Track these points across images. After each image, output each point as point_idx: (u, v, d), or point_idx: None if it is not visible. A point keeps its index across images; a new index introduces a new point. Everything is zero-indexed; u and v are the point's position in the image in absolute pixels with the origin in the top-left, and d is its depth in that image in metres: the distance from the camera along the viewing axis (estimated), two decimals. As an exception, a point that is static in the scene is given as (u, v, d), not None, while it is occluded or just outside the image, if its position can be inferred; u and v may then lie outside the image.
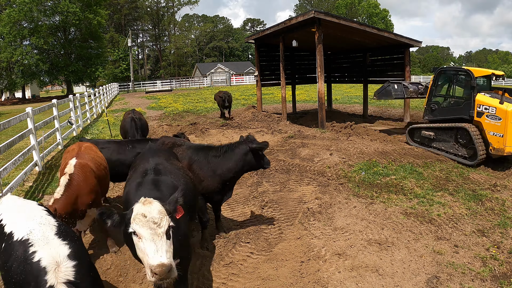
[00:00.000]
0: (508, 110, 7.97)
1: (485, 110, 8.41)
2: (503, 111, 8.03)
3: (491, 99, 8.41)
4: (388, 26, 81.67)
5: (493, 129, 8.24)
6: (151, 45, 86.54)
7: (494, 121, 8.24)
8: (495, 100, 8.31)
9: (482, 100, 8.49)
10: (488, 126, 8.35)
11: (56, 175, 8.21)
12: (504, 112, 8.00)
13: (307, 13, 12.06)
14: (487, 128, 8.37)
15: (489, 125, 8.33)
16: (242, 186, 7.13)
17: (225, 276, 4.26)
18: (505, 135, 8.01)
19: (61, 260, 2.30)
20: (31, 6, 39.98)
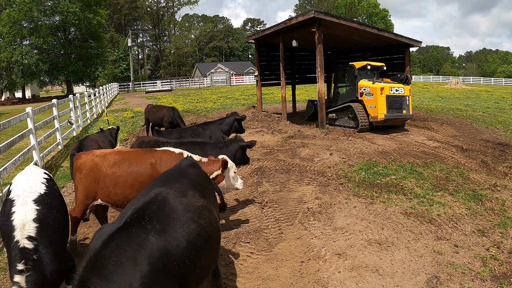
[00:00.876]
0: (377, 87, 11.24)
1: (364, 90, 11.77)
2: (373, 88, 11.38)
3: (367, 82, 11.73)
4: (388, 26, 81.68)
5: (369, 103, 11.50)
6: (151, 45, 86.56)
7: (369, 97, 11.51)
8: (369, 82, 11.67)
9: (362, 84, 11.93)
10: (367, 102, 11.59)
11: (56, 175, 8.22)
12: (374, 88, 11.33)
13: (307, 13, 12.06)
14: (366, 103, 11.62)
15: (367, 101, 11.56)
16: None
17: (225, 276, 4.26)
18: (377, 106, 11.22)
19: (26, 221, 2.96)
20: (31, 6, 39.98)
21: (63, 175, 8.23)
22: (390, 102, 11.18)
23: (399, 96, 11.37)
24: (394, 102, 11.27)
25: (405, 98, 11.49)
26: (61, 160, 9.46)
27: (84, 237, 5.30)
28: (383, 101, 11.07)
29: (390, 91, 11.16)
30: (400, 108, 11.40)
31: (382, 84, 11.23)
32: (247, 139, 10.63)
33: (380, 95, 11.03)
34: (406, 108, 11.53)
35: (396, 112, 11.28)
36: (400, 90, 11.41)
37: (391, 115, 11.10)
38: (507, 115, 15.99)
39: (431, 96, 25.72)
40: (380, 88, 11.07)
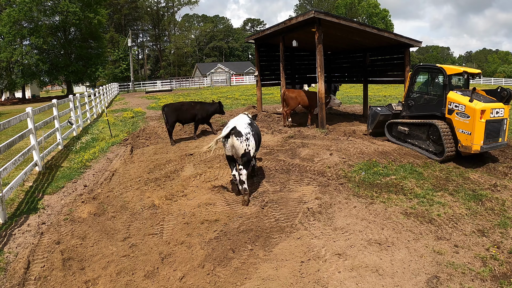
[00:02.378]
0: (476, 108, 8.11)
1: (455, 107, 8.63)
2: (471, 109, 8.21)
3: (462, 97, 8.58)
4: (388, 26, 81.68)
5: (462, 127, 8.46)
6: (151, 45, 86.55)
7: (463, 119, 8.43)
8: (465, 98, 8.49)
9: (453, 97, 8.72)
10: (458, 124, 8.56)
11: (56, 175, 8.22)
12: (473, 110, 8.18)
13: (307, 13, 12.05)
14: (456, 126, 8.59)
15: (459, 123, 8.53)
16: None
17: (225, 276, 4.26)
18: (473, 133, 8.21)
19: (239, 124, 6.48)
20: (31, 6, 39.96)
21: (63, 175, 8.23)
22: (490, 129, 8.36)
23: (498, 120, 8.52)
24: (493, 128, 8.49)
25: (504, 122, 8.62)
26: (61, 160, 9.46)
27: (84, 236, 5.30)
28: (481, 128, 8.20)
29: (491, 114, 8.30)
30: (497, 135, 8.60)
31: (483, 105, 8.21)
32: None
33: (479, 120, 8.15)
34: (503, 135, 8.72)
35: (492, 142, 8.51)
36: (500, 112, 8.49)
37: (487, 145, 8.36)
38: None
39: (431, 96, 25.68)
40: (481, 111, 8.14)
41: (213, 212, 6.02)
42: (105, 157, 9.94)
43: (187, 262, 4.58)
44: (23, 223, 5.73)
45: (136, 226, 5.66)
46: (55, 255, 4.78)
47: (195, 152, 9.76)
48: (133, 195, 6.96)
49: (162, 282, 4.24)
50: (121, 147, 11.03)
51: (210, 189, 7.05)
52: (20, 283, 4.23)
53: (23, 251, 4.88)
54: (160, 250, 4.89)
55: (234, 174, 6.45)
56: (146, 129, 13.80)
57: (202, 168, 8.44)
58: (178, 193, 6.96)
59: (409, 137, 9.88)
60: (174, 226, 5.60)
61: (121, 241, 5.21)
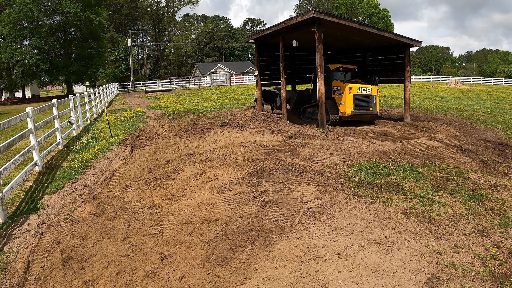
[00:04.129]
0: (346, 86, 12.78)
1: (336, 89, 13.44)
2: (343, 87, 12.96)
3: (339, 82, 13.40)
4: (388, 26, 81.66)
5: (339, 100, 13.11)
6: (151, 45, 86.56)
7: (339, 95, 13.12)
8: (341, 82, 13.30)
9: (334, 83, 13.61)
10: (337, 99, 13.27)
11: (56, 175, 8.22)
12: (344, 87, 12.91)
13: (307, 13, 12.05)
14: (337, 101, 13.27)
15: (338, 98, 13.22)
16: (242, 186, 7.13)
17: (225, 276, 4.26)
18: (345, 103, 12.81)
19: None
20: (31, 6, 39.95)
21: (63, 175, 8.23)
22: (357, 100, 12.70)
23: (366, 95, 12.83)
24: (361, 100, 12.78)
25: (372, 97, 12.99)
26: (61, 160, 9.46)
27: (84, 236, 5.30)
28: (350, 99, 12.63)
29: (358, 90, 12.68)
30: (367, 105, 12.92)
31: (351, 84, 12.72)
32: (247, 139, 10.62)
33: (349, 94, 12.60)
34: (373, 106, 13.06)
35: (362, 109, 12.82)
36: (367, 89, 12.87)
37: (357, 111, 12.69)
38: (507, 115, 15.98)
39: (431, 96, 25.71)
40: (349, 88, 12.64)
41: (213, 212, 6.02)
42: (105, 157, 9.94)
43: (187, 262, 4.58)
44: (23, 223, 5.73)
45: (136, 226, 5.66)
46: (55, 255, 4.78)
47: (195, 152, 9.76)
48: (133, 195, 6.96)
49: (162, 282, 4.24)
50: (121, 147, 11.03)
51: (210, 189, 7.05)
52: (20, 283, 4.23)
53: (23, 251, 4.88)
54: (160, 250, 4.89)
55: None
56: (146, 129, 13.80)
57: (202, 168, 8.43)
58: (178, 193, 6.96)
59: (313, 115, 14.44)
60: (174, 226, 5.59)
61: (121, 241, 5.21)
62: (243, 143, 10.48)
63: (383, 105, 20.58)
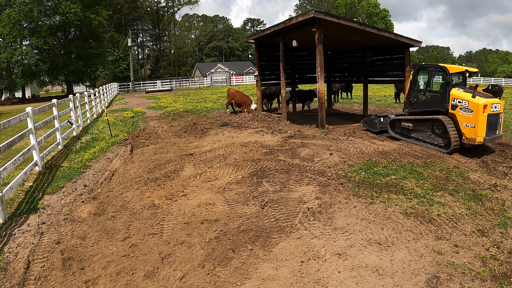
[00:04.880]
0: (479, 103, 8.96)
1: (458, 103, 9.41)
2: (475, 104, 9.02)
3: (465, 93, 9.38)
4: (388, 26, 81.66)
5: (466, 121, 9.25)
6: (151, 45, 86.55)
7: (466, 113, 9.23)
8: (468, 94, 9.28)
9: (456, 94, 9.46)
10: (462, 118, 9.36)
11: (56, 175, 8.22)
12: (476, 105, 9.00)
13: (307, 13, 12.05)
14: (460, 120, 9.38)
15: (462, 117, 9.33)
16: (242, 186, 7.13)
17: (225, 276, 4.26)
18: (477, 126, 9.04)
19: None
20: (31, 7, 39.95)
21: (63, 175, 8.23)
22: (490, 122, 9.26)
23: (496, 115, 9.46)
24: (493, 122, 9.40)
25: (500, 115, 9.62)
26: (61, 160, 9.46)
27: (84, 236, 5.30)
28: (484, 121, 9.03)
29: (491, 109, 9.18)
30: (496, 128, 9.52)
31: (485, 100, 9.05)
32: (247, 139, 10.62)
33: (482, 114, 8.99)
34: (499, 128, 9.68)
35: (492, 134, 9.41)
36: (497, 106, 9.42)
37: (489, 137, 9.25)
38: (507, 115, 15.97)
39: (431, 96, 25.69)
40: (484, 106, 8.97)
41: (213, 212, 6.02)
42: (105, 157, 9.94)
43: (187, 262, 4.58)
44: (23, 223, 5.73)
45: (136, 226, 5.66)
46: (55, 255, 4.78)
47: (195, 152, 9.76)
48: (133, 195, 6.96)
49: (162, 282, 4.24)
50: (121, 147, 11.03)
51: (210, 189, 7.05)
52: (20, 283, 4.23)
53: (23, 251, 4.88)
54: (160, 250, 4.89)
55: None
56: (146, 129, 13.80)
57: (202, 168, 8.43)
58: (178, 193, 6.96)
59: (413, 132, 10.49)
60: (174, 226, 5.59)
61: (121, 241, 5.21)
62: (243, 143, 10.48)
63: (383, 105, 20.57)
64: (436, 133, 9.80)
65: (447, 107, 9.63)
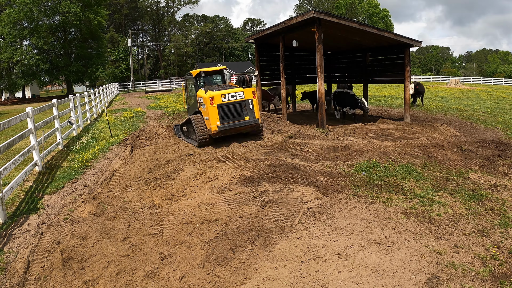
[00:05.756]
0: (206, 96, 9.80)
1: (200, 101, 10.42)
2: (205, 99, 9.94)
3: (202, 91, 10.32)
4: (388, 26, 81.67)
5: (205, 115, 10.12)
6: (151, 45, 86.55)
7: (204, 108, 10.17)
8: (204, 91, 10.27)
9: (199, 94, 10.61)
10: (204, 113, 10.26)
11: (56, 175, 8.22)
12: (205, 99, 9.90)
13: (307, 13, 12.05)
14: (204, 115, 10.23)
15: (204, 112, 10.24)
16: (242, 186, 7.13)
17: (225, 276, 4.26)
18: (209, 117, 9.84)
19: None
20: (31, 7, 39.95)
21: (63, 175, 8.23)
22: (224, 111, 9.93)
23: (236, 103, 10.05)
24: (231, 110, 10.03)
25: (247, 102, 10.17)
26: (61, 160, 9.46)
27: (84, 236, 5.30)
28: (214, 111, 9.80)
29: (223, 99, 9.88)
30: (240, 115, 10.11)
31: (212, 93, 9.86)
32: (247, 139, 10.60)
33: (211, 106, 9.76)
34: (250, 114, 10.20)
35: (234, 121, 10.01)
36: (237, 95, 10.05)
37: (226, 125, 9.88)
38: (507, 115, 15.98)
39: (431, 96, 25.72)
40: (210, 98, 9.77)
41: (213, 212, 6.02)
42: (105, 157, 9.94)
43: (187, 262, 4.58)
44: (23, 223, 5.73)
45: (136, 226, 5.66)
46: (55, 255, 4.78)
47: (195, 152, 9.76)
48: (133, 195, 6.96)
49: (162, 282, 4.24)
50: (121, 147, 11.03)
51: (210, 189, 7.05)
52: (20, 283, 4.23)
53: (23, 251, 4.88)
54: (160, 250, 4.89)
55: None
56: (146, 129, 13.80)
57: (202, 168, 8.43)
58: (178, 193, 6.96)
59: (189, 134, 11.34)
60: (174, 226, 5.60)
61: (121, 241, 5.21)
62: (243, 143, 10.48)
63: (383, 105, 20.58)
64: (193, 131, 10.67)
65: (196, 106, 10.90)
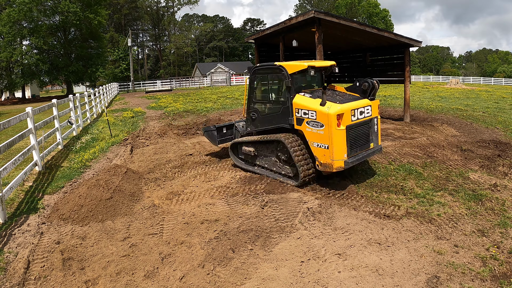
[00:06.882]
0: (330, 113, 6.15)
1: (304, 115, 6.61)
2: (324, 115, 6.22)
3: (311, 100, 6.56)
4: (388, 26, 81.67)
5: (316, 139, 6.46)
6: (151, 45, 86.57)
7: (316, 129, 6.42)
8: (315, 101, 6.50)
9: (299, 102, 6.67)
10: (311, 136, 6.54)
11: (56, 175, 8.21)
12: (326, 115, 6.19)
13: (307, 13, 12.05)
14: (309, 138, 6.58)
15: (311, 134, 6.52)
16: (242, 186, 7.13)
17: (225, 276, 4.26)
18: (331, 146, 6.26)
19: None
20: (31, 6, 39.93)
21: (63, 175, 8.23)
22: (353, 136, 6.53)
23: (364, 122, 6.77)
24: (360, 134, 6.69)
25: (373, 122, 6.98)
26: (61, 160, 9.46)
27: (84, 236, 5.30)
28: (341, 136, 6.30)
29: (352, 117, 6.48)
30: (367, 141, 6.90)
31: (339, 107, 6.29)
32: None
33: (337, 128, 6.24)
34: (375, 138, 7.08)
35: (361, 150, 6.75)
36: (366, 111, 6.77)
37: (354, 158, 6.54)
38: (507, 115, 15.98)
39: (431, 96, 25.72)
40: (337, 116, 6.24)
41: (213, 212, 6.02)
42: (105, 157, 9.94)
43: (187, 262, 4.58)
44: (23, 223, 5.73)
45: (136, 226, 5.66)
46: (55, 255, 4.78)
47: (195, 152, 9.76)
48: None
49: (162, 282, 4.24)
50: (121, 147, 11.03)
51: (210, 189, 7.05)
52: (20, 283, 4.23)
53: (23, 251, 4.88)
54: (160, 250, 4.89)
55: None
56: (146, 129, 13.80)
57: (202, 168, 8.43)
58: (178, 193, 6.95)
59: (257, 159, 7.72)
60: (174, 226, 5.60)
61: (121, 241, 5.21)
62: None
63: (382, 105, 20.58)
64: (282, 160, 7.12)
65: (292, 122, 6.87)
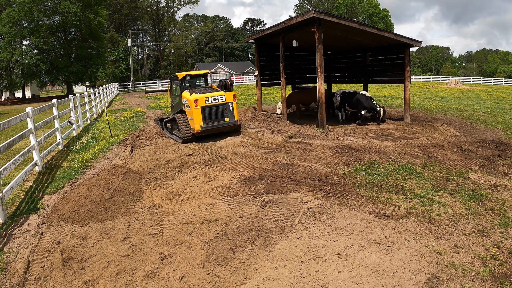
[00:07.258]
0: (191, 99, 11.08)
1: (185, 102, 11.63)
2: (190, 100, 11.16)
3: (187, 93, 11.51)
4: (388, 26, 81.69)
5: (189, 115, 11.32)
6: (151, 45, 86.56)
7: (188, 109, 11.33)
8: (189, 93, 11.40)
9: (184, 95, 11.74)
10: (188, 114, 11.43)
11: (56, 175, 8.22)
12: (190, 100, 11.14)
13: (307, 13, 12.05)
14: (188, 115, 11.43)
15: (188, 112, 11.42)
16: (242, 186, 7.13)
17: (225, 276, 4.26)
18: (193, 118, 11.02)
19: None
20: (31, 6, 39.91)
21: (63, 175, 8.23)
22: (207, 112, 11.06)
23: (218, 105, 11.22)
24: (213, 112, 11.17)
25: (228, 105, 11.37)
26: (61, 160, 9.46)
27: (84, 236, 5.30)
28: (198, 112, 10.92)
29: (206, 101, 11.01)
30: (221, 116, 11.30)
31: (197, 96, 11.00)
32: (248, 139, 10.53)
33: (195, 107, 10.89)
34: (230, 115, 11.43)
35: (215, 122, 11.18)
36: (219, 98, 11.21)
37: (208, 125, 11.05)
38: (507, 115, 15.98)
39: (431, 96, 25.72)
40: (195, 100, 10.93)
41: (213, 212, 6.02)
42: (105, 157, 9.94)
43: (187, 262, 4.58)
44: (23, 223, 5.73)
45: (136, 226, 5.66)
46: (55, 255, 4.78)
47: (195, 152, 9.76)
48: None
49: (162, 282, 4.24)
50: (121, 147, 11.03)
51: (210, 189, 7.05)
52: (20, 283, 4.23)
53: (23, 251, 4.88)
54: (160, 250, 4.89)
55: None
56: (146, 129, 13.80)
57: (202, 168, 8.43)
58: (178, 193, 6.95)
59: (173, 130, 12.36)
60: (174, 226, 5.60)
61: (121, 241, 5.21)
62: (243, 143, 10.48)
63: (382, 104, 20.56)
64: (178, 128, 11.65)
65: (182, 107, 11.95)
